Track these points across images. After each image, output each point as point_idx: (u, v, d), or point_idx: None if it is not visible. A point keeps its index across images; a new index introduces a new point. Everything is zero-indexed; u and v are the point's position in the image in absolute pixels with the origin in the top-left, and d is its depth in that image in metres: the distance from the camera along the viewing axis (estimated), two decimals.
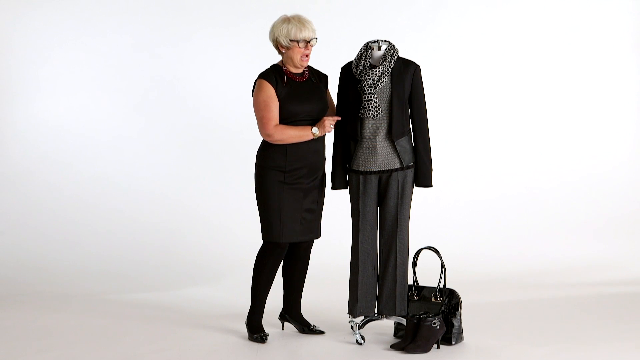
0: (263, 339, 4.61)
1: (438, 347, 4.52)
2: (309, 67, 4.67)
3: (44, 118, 6.79)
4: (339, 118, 4.58)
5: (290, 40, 4.48)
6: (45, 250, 6.44)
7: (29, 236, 6.54)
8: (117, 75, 6.81)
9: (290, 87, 4.52)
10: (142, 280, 6.11)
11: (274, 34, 4.52)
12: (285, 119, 4.51)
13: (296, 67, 4.56)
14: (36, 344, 4.64)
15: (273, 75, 4.51)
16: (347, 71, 4.63)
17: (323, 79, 4.71)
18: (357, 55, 4.60)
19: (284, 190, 4.54)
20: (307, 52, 4.52)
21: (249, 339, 4.64)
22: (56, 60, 6.79)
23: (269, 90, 4.48)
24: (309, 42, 4.52)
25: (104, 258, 6.40)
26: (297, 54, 4.51)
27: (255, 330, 4.65)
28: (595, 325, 4.97)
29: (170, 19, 6.83)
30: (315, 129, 4.51)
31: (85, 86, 6.81)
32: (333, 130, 4.60)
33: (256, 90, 4.52)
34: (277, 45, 4.54)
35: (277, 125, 4.48)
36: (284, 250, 4.64)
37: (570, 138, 7.03)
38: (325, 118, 4.56)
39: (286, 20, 4.51)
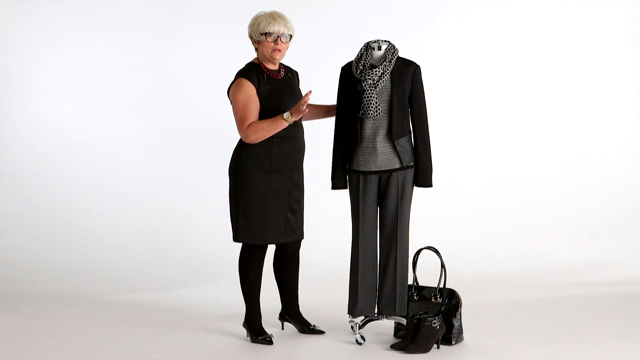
0: (268, 340, 4.59)
1: (438, 347, 4.52)
2: (283, 65, 4.63)
3: (43, 118, 6.79)
4: (310, 93, 4.37)
5: (260, 34, 4.45)
6: (44, 251, 6.44)
7: (28, 236, 6.54)
8: (117, 75, 6.81)
9: (272, 85, 4.48)
10: (142, 280, 6.11)
11: (249, 29, 4.51)
12: (269, 117, 4.44)
13: (270, 62, 4.51)
14: (36, 344, 4.64)
15: (253, 73, 4.45)
16: (347, 71, 4.63)
17: (295, 75, 4.69)
18: (357, 55, 4.60)
19: (269, 192, 4.51)
20: (277, 47, 4.46)
21: (252, 341, 4.63)
22: (55, 60, 6.79)
23: (250, 90, 4.42)
24: (280, 37, 4.47)
25: (103, 258, 6.40)
26: (266, 48, 4.45)
27: (258, 333, 4.63)
28: (595, 325, 4.97)
29: (169, 18, 6.83)
30: (287, 114, 4.38)
31: (84, 86, 6.81)
32: (306, 109, 4.39)
33: (236, 89, 4.44)
34: (252, 41, 4.51)
35: (249, 124, 4.40)
36: (265, 250, 4.62)
37: (570, 138, 7.03)
38: (298, 103, 4.40)
39: (260, 14, 4.49)
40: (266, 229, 4.52)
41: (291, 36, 4.52)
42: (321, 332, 4.77)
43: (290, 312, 4.81)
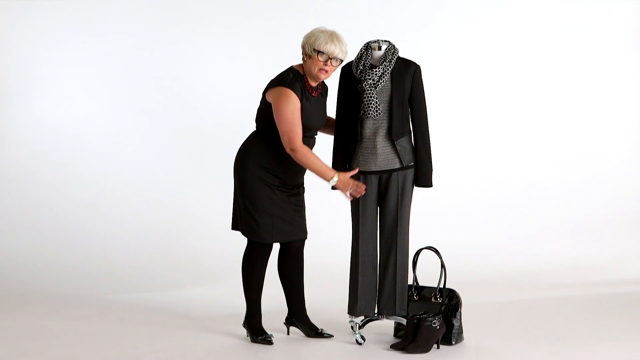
0: (268, 340, 4.59)
1: (438, 347, 4.52)
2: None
3: (43, 118, 6.79)
4: (364, 188, 4.51)
5: (314, 50, 4.40)
6: (44, 251, 6.44)
7: (28, 236, 6.54)
8: (117, 76, 6.81)
9: (309, 103, 4.47)
10: (142, 280, 6.11)
11: (304, 40, 4.45)
12: None
13: (314, 79, 4.48)
14: (36, 344, 4.63)
15: (298, 86, 4.42)
16: (347, 71, 4.63)
17: (326, 90, 4.67)
18: (357, 55, 4.60)
19: (275, 192, 4.51)
20: (325, 67, 4.41)
21: (252, 341, 4.63)
22: (55, 60, 6.80)
23: (297, 102, 4.39)
24: (332, 59, 4.42)
25: (103, 258, 6.40)
26: (315, 65, 4.41)
27: (258, 333, 4.63)
28: (595, 325, 4.97)
29: (170, 19, 6.83)
30: (334, 180, 4.45)
31: (84, 86, 6.82)
32: (349, 196, 4.53)
33: (282, 99, 4.39)
34: (303, 51, 4.46)
35: (305, 146, 4.40)
36: (270, 249, 4.62)
37: (570, 137, 7.04)
38: (354, 182, 4.47)
39: (321, 31, 4.43)
40: (273, 228, 4.53)
41: (342, 60, 4.49)
42: (330, 336, 4.72)
43: (298, 315, 4.76)
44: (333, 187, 4.53)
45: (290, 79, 4.44)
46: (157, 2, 6.83)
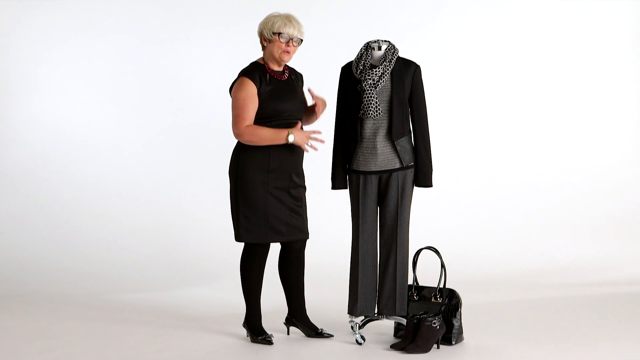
0: (268, 340, 4.59)
1: (438, 347, 4.52)
2: (288, 66, 4.64)
3: (43, 118, 6.79)
4: (320, 134, 4.50)
5: (273, 33, 4.46)
6: (44, 251, 6.44)
7: (28, 236, 6.54)
8: (116, 76, 6.81)
9: (274, 86, 4.49)
10: (142, 280, 6.11)
11: (260, 27, 4.52)
12: (269, 118, 4.46)
13: (277, 63, 4.52)
14: (36, 344, 4.63)
15: (256, 73, 4.47)
16: (347, 71, 4.63)
17: (300, 77, 4.69)
18: (357, 55, 4.60)
19: (268, 191, 4.51)
20: (287, 48, 4.48)
21: (252, 341, 4.63)
22: (55, 60, 6.79)
23: (251, 89, 4.44)
24: (292, 39, 4.48)
25: (103, 259, 6.40)
26: (277, 48, 4.47)
27: (258, 333, 4.63)
28: (595, 325, 4.97)
29: (169, 19, 6.83)
30: (291, 137, 4.43)
31: (84, 86, 6.81)
32: (309, 148, 4.50)
33: (237, 87, 4.48)
34: (261, 38, 4.52)
35: (249, 125, 4.44)
36: (267, 250, 4.62)
37: (570, 138, 7.03)
38: (306, 131, 4.48)
39: (276, 15, 4.51)
40: (267, 228, 4.52)
41: (301, 40, 4.52)
42: (330, 336, 4.72)
43: (298, 315, 4.75)
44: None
45: (246, 69, 4.52)
46: (156, 3, 6.83)
